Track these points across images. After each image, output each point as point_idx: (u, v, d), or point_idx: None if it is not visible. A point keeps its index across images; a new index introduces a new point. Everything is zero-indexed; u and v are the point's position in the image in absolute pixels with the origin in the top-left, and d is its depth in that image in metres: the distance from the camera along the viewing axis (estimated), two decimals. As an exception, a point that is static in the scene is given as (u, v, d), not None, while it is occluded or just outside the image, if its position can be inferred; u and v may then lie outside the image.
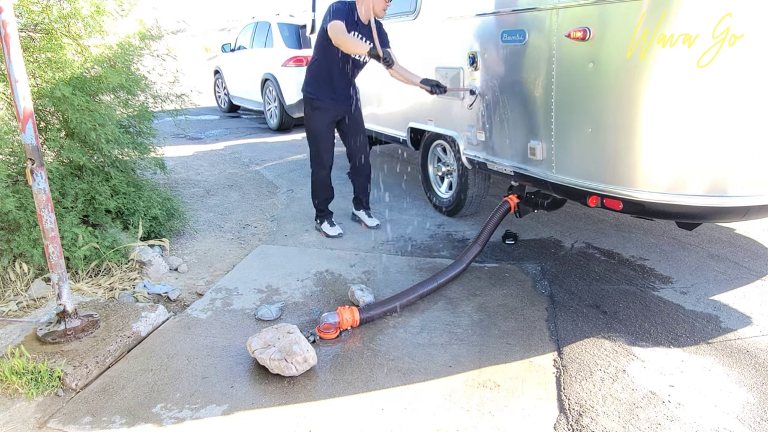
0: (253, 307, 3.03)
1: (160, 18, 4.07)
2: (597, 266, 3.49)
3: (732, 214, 2.66)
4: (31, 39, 3.38)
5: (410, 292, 3.01)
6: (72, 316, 2.63)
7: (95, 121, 3.39)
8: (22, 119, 2.34)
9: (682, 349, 2.59)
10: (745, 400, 2.23)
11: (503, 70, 3.29)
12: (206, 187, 5.61)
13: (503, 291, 3.18)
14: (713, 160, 2.53)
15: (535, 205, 3.55)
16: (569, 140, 2.89)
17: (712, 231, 3.96)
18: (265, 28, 8.89)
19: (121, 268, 3.44)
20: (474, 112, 3.65)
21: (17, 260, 3.17)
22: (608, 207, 2.79)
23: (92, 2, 3.41)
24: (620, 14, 2.51)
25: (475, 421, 2.13)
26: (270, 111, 8.84)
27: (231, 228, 4.42)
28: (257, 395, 2.29)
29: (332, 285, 3.31)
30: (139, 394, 2.30)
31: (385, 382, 2.37)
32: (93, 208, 3.59)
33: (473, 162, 3.82)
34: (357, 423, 2.13)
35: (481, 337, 2.71)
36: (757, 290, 3.11)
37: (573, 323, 2.83)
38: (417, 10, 4.14)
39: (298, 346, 2.39)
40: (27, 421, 2.16)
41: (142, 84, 3.93)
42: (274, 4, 11.37)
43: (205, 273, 3.57)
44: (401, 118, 4.72)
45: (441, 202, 4.53)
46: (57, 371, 2.34)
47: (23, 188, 3.13)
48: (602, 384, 2.35)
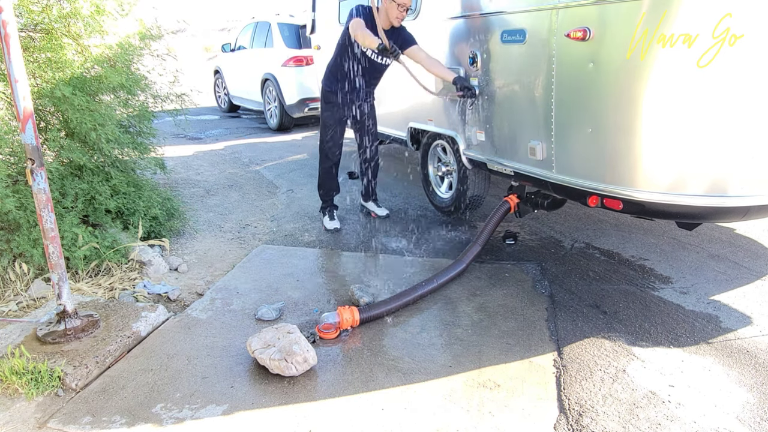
0: (253, 307, 3.03)
1: (160, 18, 4.07)
2: (597, 266, 3.49)
3: (732, 214, 2.66)
4: (31, 39, 3.38)
5: (410, 292, 3.01)
6: (72, 316, 2.63)
7: (95, 121, 3.39)
8: (22, 119, 2.34)
9: (682, 349, 2.59)
10: (745, 400, 2.23)
11: (503, 70, 3.29)
12: (206, 187, 5.61)
13: (503, 291, 3.18)
14: (713, 160, 2.53)
15: (535, 205, 3.55)
16: (569, 140, 2.89)
17: (712, 231, 3.96)
18: (265, 28, 8.89)
19: (121, 268, 3.44)
20: (474, 112, 3.64)
21: (17, 260, 3.17)
22: (608, 207, 2.79)
23: (92, 2, 3.41)
24: (620, 14, 2.51)
25: (475, 421, 2.13)
26: (270, 111, 8.84)
27: (231, 228, 4.42)
28: (257, 395, 2.29)
29: (332, 285, 3.31)
30: (139, 394, 2.30)
31: (385, 382, 2.37)
32: (93, 208, 3.59)
33: (473, 162, 3.82)
34: (357, 423, 2.13)
35: (481, 337, 2.71)
36: (757, 290, 3.11)
37: (573, 323, 2.84)
38: (417, 10, 4.14)
39: (298, 346, 2.39)
40: (27, 421, 2.16)
41: (142, 84, 3.93)
42: (274, 4, 11.38)
43: (205, 273, 3.57)
44: (401, 117, 4.72)
45: (441, 202, 4.53)
46: (57, 371, 2.34)
47: (23, 188, 3.13)
48: (602, 384, 2.35)
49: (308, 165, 6.48)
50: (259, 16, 9.54)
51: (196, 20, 29.51)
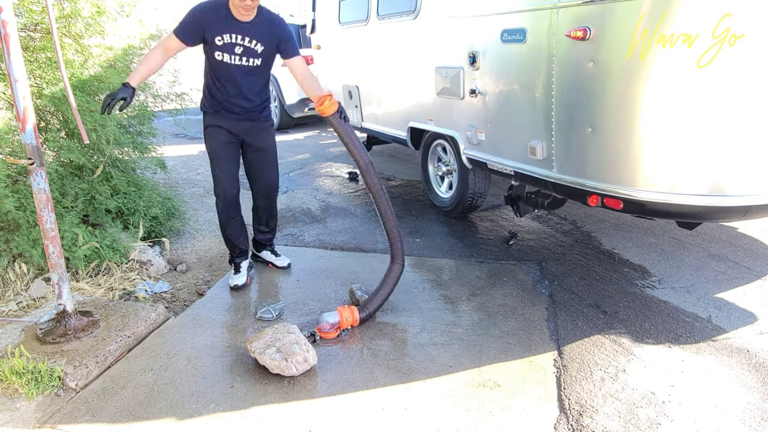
0: (253, 307, 3.03)
1: (160, 18, 4.07)
2: (597, 266, 3.49)
3: (732, 214, 2.66)
4: (31, 39, 3.38)
5: (391, 278, 2.94)
6: (72, 315, 2.63)
7: (96, 121, 3.39)
8: (22, 119, 2.34)
9: (682, 348, 2.59)
10: (746, 400, 2.23)
11: (503, 70, 3.29)
12: (206, 186, 5.60)
13: (503, 291, 3.18)
14: (713, 160, 2.53)
15: (535, 205, 3.55)
16: (569, 140, 2.89)
17: (712, 231, 3.96)
18: (265, 27, 8.87)
19: (121, 267, 3.44)
20: (474, 111, 3.64)
21: (17, 260, 3.17)
22: (609, 207, 2.79)
23: (93, 3, 3.41)
24: (620, 14, 2.51)
25: (475, 420, 2.13)
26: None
27: (231, 228, 4.42)
28: (257, 395, 2.29)
29: (332, 284, 3.31)
30: (139, 394, 2.30)
31: (385, 382, 2.37)
32: (93, 207, 3.59)
33: (473, 161, 3.82)
34: (357, 423, 2.13)
35: (481, 337, 2.71)
36: (757, 290, 3.11)
37: (573, 323, 2.83)
38: (417, 9, 4.14)
39: (298, 346, 2.39)
40: (27, 421, 2.16)
41: (142, 83, 3.93)
42: (274, 4, 11.36)
43: (205, 273, 3.57)
44: (401, 117, 4.71)
45: (441, 202, 4.53)
46: (57, 371, 2.34)
47: (23, 188, 3.13)
48: (602, 384, 2.35)
49: (309, 165, 6.48)
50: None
51: (196, 20, 29.31)
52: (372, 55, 4.97)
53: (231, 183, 3.10)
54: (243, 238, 3.28)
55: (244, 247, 3.30)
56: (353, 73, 5.36)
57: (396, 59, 4.56)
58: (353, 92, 5.37)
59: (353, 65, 5.36)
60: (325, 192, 5.35)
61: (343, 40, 5.49)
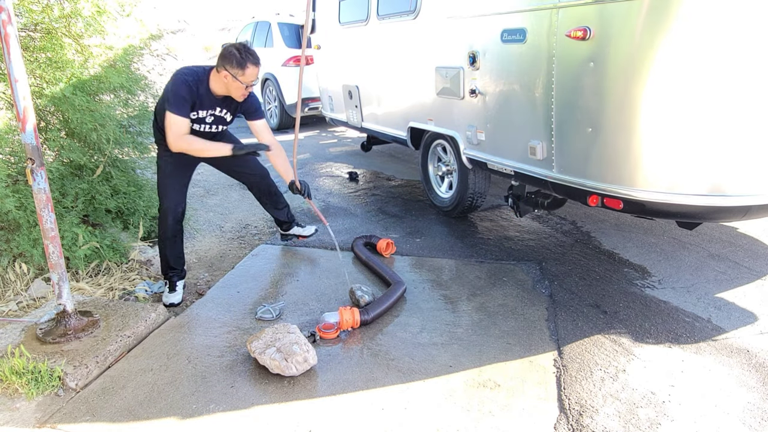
0: (253, 307, 3.03)
1: (160, 17, 4.07)
2: (597, 266, 3.49)
3: (732, 214, 2.66)
4: (31, 39, 3.38)
5: (394, 291, 3.04)
6: (72, 315, 2.63)
7: (96, 121, 3.39)
8: (23, 119, 2.34)
9: (682, 348, 2.58)
10: (746, 400, 2.23)
11: (503, 70, 3.29)
12: (206, 186, 5.60)
13: (503, 291, 3.18)
14: (713, 160, 2.53)
15: (535, 205, 3.55)
16: (569, 140, 2.89)
17: (712, 231, 3.95)
18: (265, 27, 8.88)
19: (121, 267, 3.44)
20: (474, 111, 3.64)
21: (17, 260, 3.17)
22: (609, 207, 2.79)
23: (93, 3, 3.41)
24: (620, 14, 2.51)
25: (475, 420, 2.13)
26: (270, 110, 8.84)
27: (231, 228, 4.42)
28: (257, 395, 2.29)
29: (333, 284, 3.31)
30: (139, 394, 2.30)
31: (385, 382, 2.37)
32: (93, 207, 3.59)
33: (473, 161, 3.82)
34: (357, 423, 2.13)
35: (481, 337, 2.71)
36: (757, 290, 3.11)
37: (573, 323, 2.83)
38: (417, 9, 4.14)
39: (298, 346, 2.39)
40: (27, 421, 2.16)
41: (142, 83, 3.93)
42: (274, 4, 11.36)
43: (205, 273, 3.57)
44: (401, 117, 4.71)
45: (441, 202, 4.53)
46: (57, 371, 2.34)
47: (23, 188, 3.13)
48: (602, 384, 2.35)
49: (309, 165, 6.48)
50: (259, 15, 9.54)
51: (196, 20, 29.43)
52: (372, 55, 4.97)
53: (181, 199, 3.19)
54: (182, 260, 3.29)
55: (180, 267, 3.27)
56: (353, 73, 5.36)
57: (396, 59, 4.56)
58: (353, 92, 5.37)
59: (353, 65, 5.36)
60: (325, 192, 5.35)
61: (343, 40, 5.49)
